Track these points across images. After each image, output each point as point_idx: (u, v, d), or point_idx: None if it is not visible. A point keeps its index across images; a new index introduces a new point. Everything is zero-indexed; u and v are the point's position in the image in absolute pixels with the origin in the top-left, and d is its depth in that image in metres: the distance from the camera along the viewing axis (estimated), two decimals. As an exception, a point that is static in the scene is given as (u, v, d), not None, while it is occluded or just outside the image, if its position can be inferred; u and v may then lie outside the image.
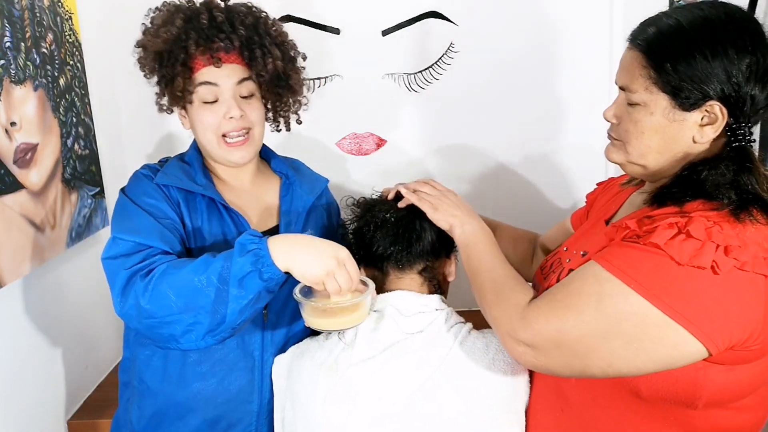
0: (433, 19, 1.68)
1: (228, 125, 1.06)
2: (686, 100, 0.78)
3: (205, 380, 1.06)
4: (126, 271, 0.93)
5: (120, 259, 0.95)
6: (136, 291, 0.90)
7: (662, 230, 0.75)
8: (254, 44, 1.06)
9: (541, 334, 0.80)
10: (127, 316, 0.93)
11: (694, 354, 0.73)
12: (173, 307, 0.89)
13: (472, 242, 1.00)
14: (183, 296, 0.89)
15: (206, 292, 0.88)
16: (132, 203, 1.02)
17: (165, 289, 0.89)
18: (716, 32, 0.77)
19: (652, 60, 0.80)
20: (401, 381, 0.95)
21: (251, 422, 1.09)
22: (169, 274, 0.90)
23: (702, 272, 0.72)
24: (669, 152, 0.82)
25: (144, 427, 1.09)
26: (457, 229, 1.02)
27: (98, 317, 1.50)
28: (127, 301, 0.92)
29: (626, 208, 0.98)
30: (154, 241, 0.97)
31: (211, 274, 0.89)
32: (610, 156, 0.90)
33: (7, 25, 1.13)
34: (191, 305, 0.89)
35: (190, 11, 1.05)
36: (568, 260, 0.95)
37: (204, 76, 1.04)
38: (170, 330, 0.91)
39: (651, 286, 0.73)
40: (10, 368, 1.15)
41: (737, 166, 0.77)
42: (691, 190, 0.78)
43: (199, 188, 1.07)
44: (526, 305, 0.84)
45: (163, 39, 1.02)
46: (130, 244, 0.96)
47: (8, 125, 1.12)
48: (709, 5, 0.80)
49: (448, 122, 1.75)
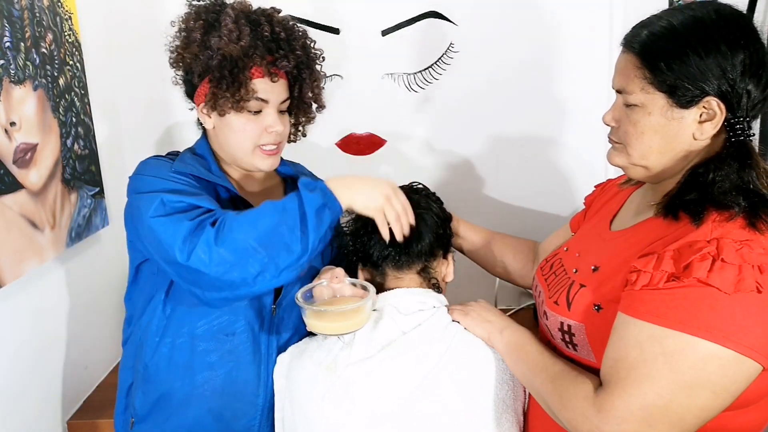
0: (433, 19, 1.68)
1: (268, 138, 1.09)
2: (683, 97, 0.78)
3: (213, 370, 1.07)
4: (191, 222, 0.94)
5: (176, 215, 0.96)
6: (208, 237, 0.92)
7: (699, 263, 0.72)
8: (303, 66, 1.11)
9: (626, 419, 0.74)
10: (197, 263, 0.92)
11: (754, 375, 0.73)
12: (248, 246, 0.91)
13: (518, 346, 0.95)
14: (259, 234, 0.92)
15: (283, 227, 0.92)
16: (162, 179, 1.02)
17: (237, 232, 0.92)
18: (708, 29, 0.78)
19: (646, 60, 0.80)
20: (399, 380, 0.95)
21: (255, 416, 1.10)
22: (239, 219, 0.94)
23: (749, 296, 0.71)
24: (670, 151, 0.82)
25: (148, 412, 1.10)
26: (495, 335, 0.98)
27: (98, 317, 1.50)
28: (196, 249, 0.92)
29: (627, 207, 0.98)
30: (204, 202, 0.99)
31: (285, 211, 0.93)
32: (612, 160, 0.90)
33: (6, 25, 1.13)
34: (268, 241, 0.92)
35: (251, 19, 1.06)
36: (574, 270, 0.94)
37: (258, 89, 1.05)
38: (243, 273, 0.92)
39: (711, 326, 0.71)
40: (10, 368, 1.15)
41: (738, 162, 0.77)
42: (700, 197, 0.78)
43: (216, 178, 1.09)
44: (594, 395, 0.78)
45: (239, 45, 1.02)
46: (183, 204, 0.97)
47: (8, 125, 1.12)
48: (700, 5, 0.80)
49: (447, 122, 1.75)
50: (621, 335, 0.77)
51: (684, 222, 0.79)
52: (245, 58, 1.03)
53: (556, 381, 0.85)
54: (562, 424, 0.83)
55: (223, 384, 1.08)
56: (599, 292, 0.86)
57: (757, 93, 0.78)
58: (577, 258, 0.96)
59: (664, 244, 0.79)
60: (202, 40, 1.05)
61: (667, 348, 0.72)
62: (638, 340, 0.75)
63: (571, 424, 0.80)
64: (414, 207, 1.06)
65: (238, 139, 1.09)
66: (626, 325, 0.77)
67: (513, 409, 0.98)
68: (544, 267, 1.04)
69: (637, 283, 0.77)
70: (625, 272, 0.82)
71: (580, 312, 0.87)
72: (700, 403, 0.72)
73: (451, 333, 0.99)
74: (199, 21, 1.06)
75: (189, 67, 1.09)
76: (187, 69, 1.10)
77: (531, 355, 0.92)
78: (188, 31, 1.07)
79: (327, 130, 1.73)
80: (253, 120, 1.07)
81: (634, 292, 0.77)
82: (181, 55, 1.07)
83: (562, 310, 0.90)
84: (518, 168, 1.78)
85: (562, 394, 0.83)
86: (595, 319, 0.85)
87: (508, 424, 0.97)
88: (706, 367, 0.71)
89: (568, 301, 0.90)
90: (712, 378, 0.71)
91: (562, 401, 0.82)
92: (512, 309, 1.79)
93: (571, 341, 0.89)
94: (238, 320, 1.08)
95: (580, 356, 0.88)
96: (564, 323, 0.89)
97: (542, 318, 0.98)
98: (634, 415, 0.73)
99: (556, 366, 0.88)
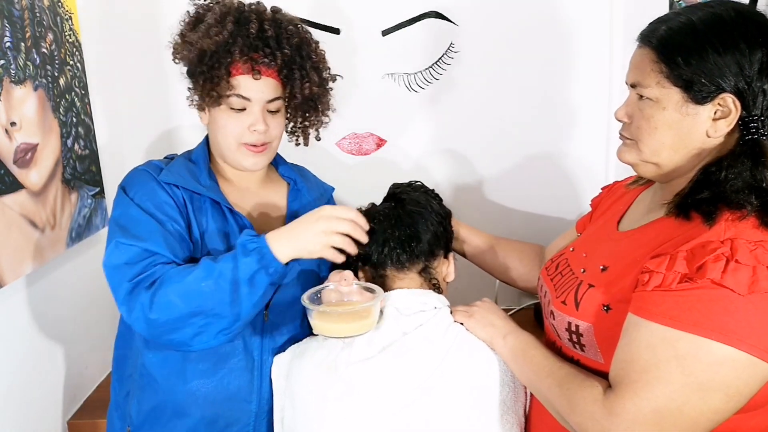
0: (433, 19, 1.68)
1: (251, 137, 1.07)
2: (699, 93, 0.78)
3: (205, 378, 1.06)
4: (129, 283, 0.94)
5: (123, 268, 0.96)
6: (142, 303, 0.92)
7: (713, 264, 0.72)
8: (294, 65, 1.07)
9: (637, 422, 0.73)
10: (136, 325, 0.94)
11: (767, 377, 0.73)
12: (182, 314, 0.92)
13: (522, 351, 0.94)
14: (191, 302, 0.91)
15: (215, 296, 0.92)
16: (135, 206, 1.01)
17: (172, 298, 0.91)
18: (727, 27, 0.77)
19: (663, 55, 0.80)
20: (400, 380, 0.95)
21: (249, 422, 1.09)
22: (174, 283, 0.92)
23: (763, 297, 0.70)
24: (683, 148, 0.81)
25: (143, 421, 1.09)
26: (498, 340, 0.98)
27: (98, 317, 1.49)
28: (133, 312, 0.93)
29: (636, 207, 0.97)
30: (159, 247, 0.97)
31: (218, 278, 0.92)
32: (623, 156, 0.89)
33: (7, 25, 1.13)
34: (200, 309, 0.92)
35: (240, 15, 1.04)
36: (582, 270, 0.93)
37: (239, 86, 1.04)
38: (180, 335, 0.93)
39: (725, 329, 0.70)
40: (10, 368, 1.15)
41: (752, 161, 0.77)
42: (713, 196, 0.77)
43: (204, 189, 1.06)
44: (603, 398, 0.77)
45: (213, 40, 1.01)
46: (134, 250, 0.96)
47: (8, 125, 1.12)
48: (719, 3, 0.80)
49: (448, 122, 1.75)
50: (632, 337, 0.77)
51: (696, 222, 0.78)
52: (223, 54, 1.01)
53: (563, 385, 0.84)
54: (571, 428, 0.82)
55: (216, 391, 1.07)
56: (608, 292, 0.85)
57: None
58: (584, 258, 0.96)
59: (676, 244, 0.78)
60: (186, 35, 1.06)
61: (680, 350, 0.72)
62: (650, 342, 0.74)
63: (581, 428, 0.79)
64: (413, 204, 1.06)
65: (222, 134, 1.07)
66: (637, 327, 0.76)
67: (514, 410, 0.98)
68: (549, 267, 1.03)
69: (649, 283, 0.76)
70: (635, 272, 0.81)
71: (588, 312, 0.86)
72: (712, 405, 0.72)
73: (453, 334, 0.99)
74: (192, 17, 1.07)
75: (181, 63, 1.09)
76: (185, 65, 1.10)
77: (536, 359, 0.91)
78: (183, 26, 1.08)
79: (327, 130, 1.72)
80: (235, 117, 1.06)
81: (646, 293, 0.77)
82: (175, 50, 1.08)
83: (570, 310, 0.89)
84: (518, 168, 1.78)
85: (570, 398, 0.82)
86: (603, 320, 0.85)
87: (509, 425, 0.97)
88: (719, 369, 0.71)
89: (576, 301, 0.89)
90: (725, 380, 0.71)
91: (570, 405, 0.81)
92: (513, 309, 1.79)
93: (578, 341, 0.88)
94: None
95: (587, 357, 0.88)
96: (572, 323, 0.89)
97: (548, 318, 0.98)
98: (646, 418, 0.73)
99: (562, 370, 0.87)
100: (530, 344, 0.95)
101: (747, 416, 0.78)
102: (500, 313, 1.03)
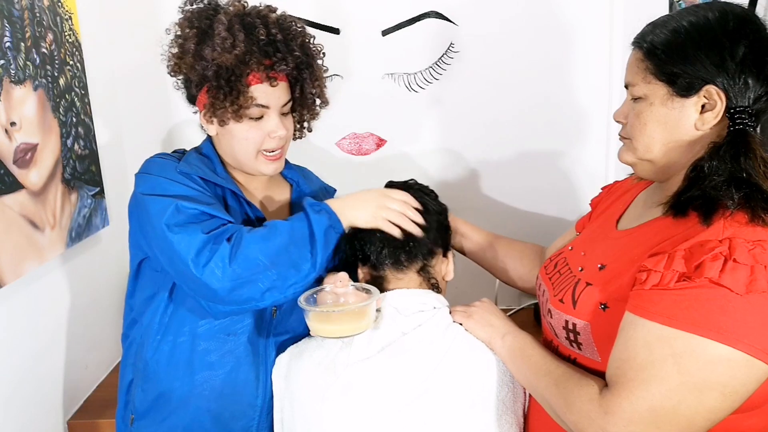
0: (433, 19, 1.68)
1: (272, 143, 1.08)
2: (682, 86, 0.79)
3: (213, 370, 1.07)
4: (206, 235, 0.95)
5: (190, 226, 0.96)
6: (222, 254, 0.94)
7: (711, 263, 0.72)
8: (303, 66, 1.09)
9: (633, 421, 0.73)
10: (210, 277, 0.94)
11: (764, 377, 0.72)
12: (260, 266, 0.95)
13: (520, 351, 0.94)
14: (270, 254, 0.95)
15: (292, 249, 0.97)
16: (175, 182, 1.02)
17: (253, 249, 0.95)
18: (709, 23, 0.79)
19: (648, 52, 0.82)
20: (399, 380, 0.94)
21: (254, 417, 1.10)
22: (253, 235, 0.97)
23: (761, 297, 0.70)
24: (673, 143, 0.82)
25: (147, 409, 1.10)
26: (496, 340, 0.98)
27: (98, 317, 1.50)
28: (210, 264, 0.93)
29: (634, 207, 0.98)
30: (216, 211, 1.00)
31: (295, 232, 0.98)
32: (622, 157, 0.90)
33: (7, 25, 1.13)
34: (278, 261, 0.96)
35: (245, 22, 1.03)
36: (580, 269, 0.93)
37: (258, 96, 1.04)
38: (252, 290, 0.95)
39: (722, 328, 0.70)
40: (10, 368, 1.15)
41: (734, 152, 0.76)
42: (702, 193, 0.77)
43: (222, 181, 1.08)
44: (599, 397, 0.77)
45: (233, 54, 1.00)
46: (196, 212, 0.98)
47: (8, 125, 1.12)
48: (707, 5, 0.82)
49: (448, 122, 1.75)
50: (629, 335, 0.76)
51: (694, 220, 0.78)
52: (241, 66, 1.01)
53: (560, 384, 0.84)
54: (568, 427, 0.82)
55: (222, 384, 1.08)
56: (606, 290, 0.85)
57: (758, 85, 0.78)
58: (582, 257, 0.96)
59: (674, 243, 0.78)
60: (197, 49, 1.03)
61: (676, 349, 0.72)
62: (647, 340, 0.74)
63: (577, 426, 0.79)
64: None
65: (241, 146, 1.08)
66: (634, 326, 0.76)
67: (513, 410, 0.98)
68: (548, 266, 1.03)
69: (647, 282, 0.76)
70: (632, 271, 0.81)
71: (585, 311, 0.87)
72: (708, 405, 0.72)
73: (452, 334, 0.99)
74: (193, 29, 1.04)
75: (187, 76, 1.08)
76: (186, 77, 1.09)
77: (533, 359, 0.92)
78: (183, 39, 1.05)
79: (327, 130, 1.73)
80: (255, 126, 1.06)
81: (644, 291, 0.77)
82: (178, 65, 1.07)
83: (568, 309, 0.89)
84: (518, 168, 1.78)
85: (566, 396, 0.82)
86: (601, 318, 0.85)
87: (507, 425, 0.97)
88: (716, 369, 0.70)
89: (573, 300, 0.89)
90: (721, 380, 0.71)
91: (567, 404, 0.81)
92: (513, 309, 1.79)
93: (575, 340, 0.88)
94: (241, 321, 1.08)
95: (584, 355, 0.88)
96: (569, 322, 0.89)
97: (546, 317, 0.98)
98: (642, 416, 0.73)
99: (559, 369, 0.87)
100: (528, 344, 0.95)
101: (744, 416, 0.78)
102: (499, 313, 1.03)
